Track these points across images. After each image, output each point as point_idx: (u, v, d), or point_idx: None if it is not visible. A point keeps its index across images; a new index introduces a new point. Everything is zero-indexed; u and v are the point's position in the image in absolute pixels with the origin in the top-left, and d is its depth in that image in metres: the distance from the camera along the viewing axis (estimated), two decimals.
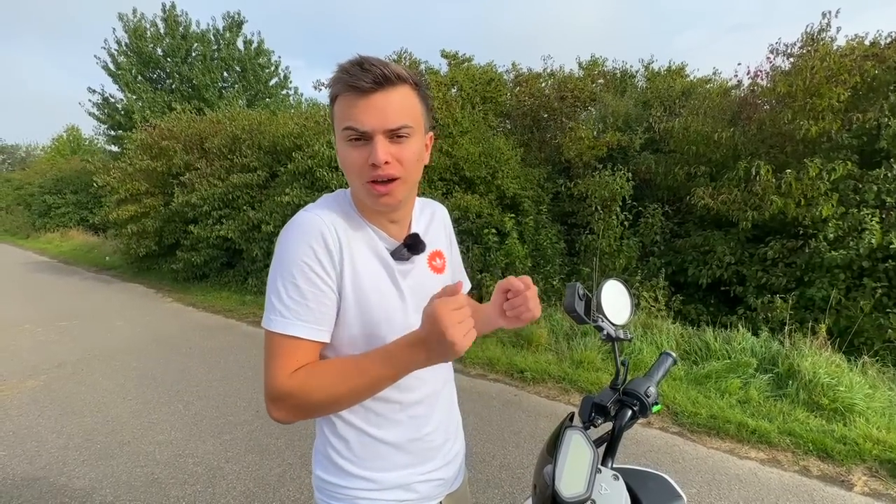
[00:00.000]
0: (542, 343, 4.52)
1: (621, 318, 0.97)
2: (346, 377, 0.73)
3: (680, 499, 0.86)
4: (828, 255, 4.19)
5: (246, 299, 7.00)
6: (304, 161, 6.68)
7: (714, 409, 3.17)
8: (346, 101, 0.74)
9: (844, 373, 3.40)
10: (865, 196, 4.31)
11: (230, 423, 3.18)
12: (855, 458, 2.61)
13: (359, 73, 0.72)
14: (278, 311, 0.75)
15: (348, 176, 0.79)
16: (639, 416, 0.91)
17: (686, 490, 2.39)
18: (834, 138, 4.64)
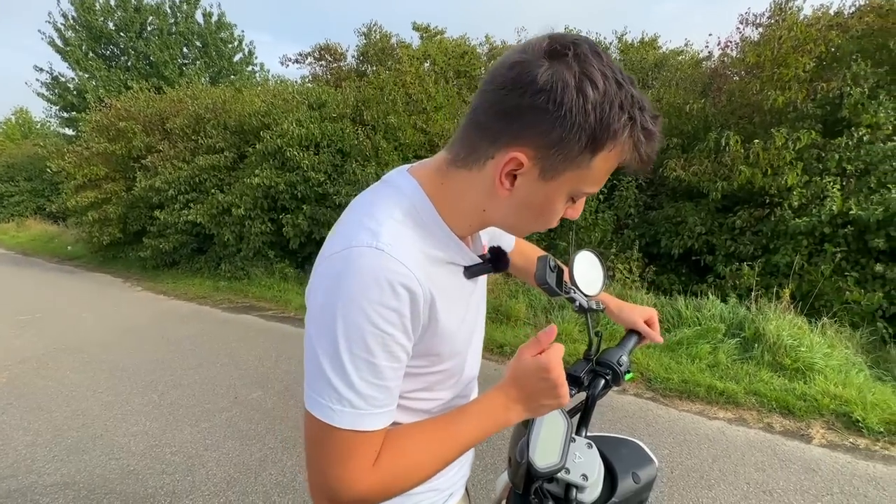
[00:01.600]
0: (521, 317, 4.58)
1: (594, 289, 0.96)
2: (437, 451, 0.62)
3: (652, 463, 0.88)
4: (792, 223, 4.34)
5: (220, 285, 6.82)
6: (273, 140, 6.45)
7: (685, 373, 3.30)
8: (618, 161, 0.57)
9: (806, 334, 3.58)
10: (828, 164, 4.45)
11: (208, 411, 3.13)
12: (814, 413, 2.77)
13: (652, 151, 0.57)
14: (347, 399, 0.55)
15: (526, 220, 0.63)
16: (612, 384, 0.92)
17: (659, 451, 2.50)
18: (799, 108, 4.74)
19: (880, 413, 2.66)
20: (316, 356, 0.57)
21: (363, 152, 6.30)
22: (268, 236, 6.85)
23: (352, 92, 7.13)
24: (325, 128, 6.52)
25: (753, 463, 2.37)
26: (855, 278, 4.07)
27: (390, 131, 6.49)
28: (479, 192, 0.60)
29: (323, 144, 6.52)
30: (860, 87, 4.41)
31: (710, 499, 2.13)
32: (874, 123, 4.34)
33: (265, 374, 3.73)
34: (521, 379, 0.64)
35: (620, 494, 0.83)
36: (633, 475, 0.85)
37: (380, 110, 6.60)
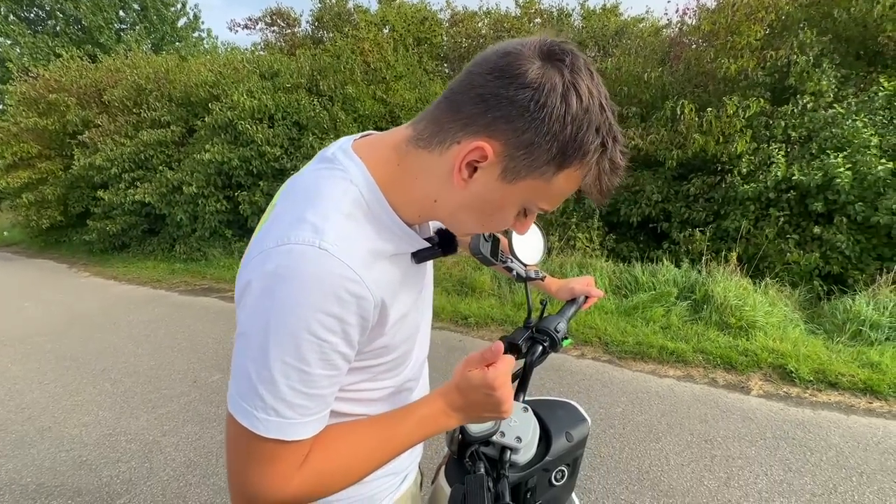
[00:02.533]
0: (486, 289, 4.64)
1: (533, 258, 0.96)
2: (371, 455, 0.60)
3: (585, 422, 0.91)
4: (741, 189, 4.53)
5: (175, 267, 6.53)
6: (224, 113, 6.10)
7: (640, 336, 3.45)
8: (576, 184, 0.55)
9: (750, 294, 3.80)
10: (774, 132, 4.63)
11: (165, 397, 3.04)
12: (753, 367, 2.98)
13: (613, 185, 0.56)
14: (273, 409, 0.51)
15: (477, 220, 0.59)
16: (549, 351, 0.93)
17: (612, 410, 2.63)
18: (750, 76, 4.87)
19: (811, 364, 2.88)
20: (244, 358, 0.52)
21: (321, 125, 6.06)
22: (224, 215, 6.57)
23: (307, 60, 6.78)
24: (278, 99, 6.20)
25: (698, 415, 2.53)
26: (795, 240, 4.32)
27: (348, 102, 6.25)
28: (435, 179, 0.56)
29: (277, 117, 6.22)
30: (806, 56, 4.56)
31: (657, 450, 2.26)
32: (817, 91, 4.53)
33: (226, 356, 3.64)
34: (465, 390, 0.62)
35: (554, 453, 0.86)
36: (566, 434, 0.87)
37: (337, 80, 6.32)
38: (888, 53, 4.74)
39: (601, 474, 2.12)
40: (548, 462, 0.85)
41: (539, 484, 0.87)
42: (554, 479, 0.89)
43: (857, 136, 4.15)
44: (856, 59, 4.95)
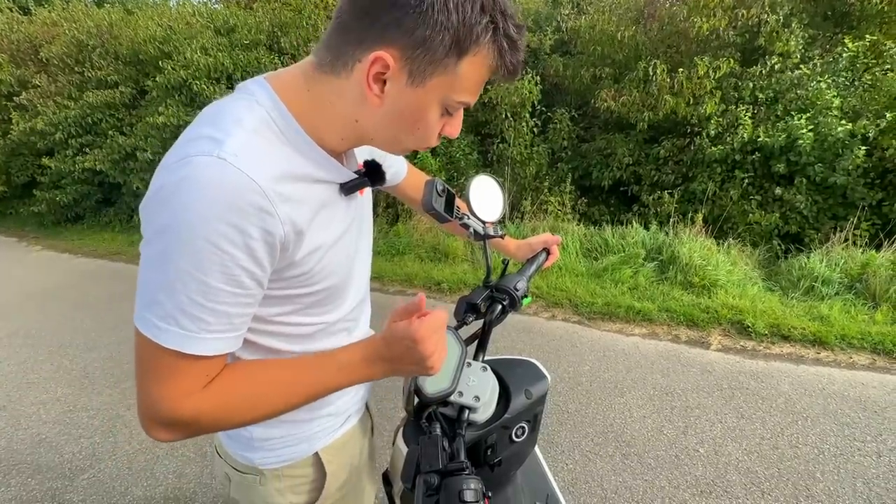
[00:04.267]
0: (459, 255, 4.63)
1: (492, 214, 0.93)
2: (277, 393, 0.58)
3: (544, 379, 0.90)
4: (709, 151, 4.59)
5: (135, 239, 6.23)
6: (177, 72, 5.67)
7: (608, 297, 3.53)
8: (487, 70, 0.55)
9: (713, 254, 3.92)
10: (742, 93, 4.67)
11: (128, 372, 2.94)
12: (713, 324, 3.10)
13: (517, 54, 0.56)
14: (172, 318, 0.50)
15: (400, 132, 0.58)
16: (508, 310, 0.91)
17: (581, 368, 2.70)
18: (722, 36, 4.83)
19: (767, 318, 3.03)
20: (147, 270, 0.51)
21: None
22: None
23: (266, 15, 6.32)
24: (236, 57, 5.80)
25: (660, 370, 2.64)
26: (758, 201, 4.45)
27: None
28: (350, 101, 0.56)
29: (236, 76, 5.83)
30: (776, 15, 4.54)
31: (622, 404, 2.36)
32: (785, 52, 4.54)
33: None
34: (389, 341, 0.60)
35: (513, 410, 0.85)
36: (525, 392, 0.87)
37: (299, 36, 5.94)
38: (854, 14, 4.78)
39: (568, 429, 2.19)
40: (507, 419, 0.85)
41: (499, 441, 0.87)
42: (514, 435, 0.89)
43: (820, 98, 4.22)
44: (823, 19, 4.97)
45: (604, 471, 1.94)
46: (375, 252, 5.06)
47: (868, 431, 2.08)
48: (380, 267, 4.57)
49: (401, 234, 5.17)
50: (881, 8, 4.56)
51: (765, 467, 1.91)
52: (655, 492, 1.82)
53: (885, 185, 4.12)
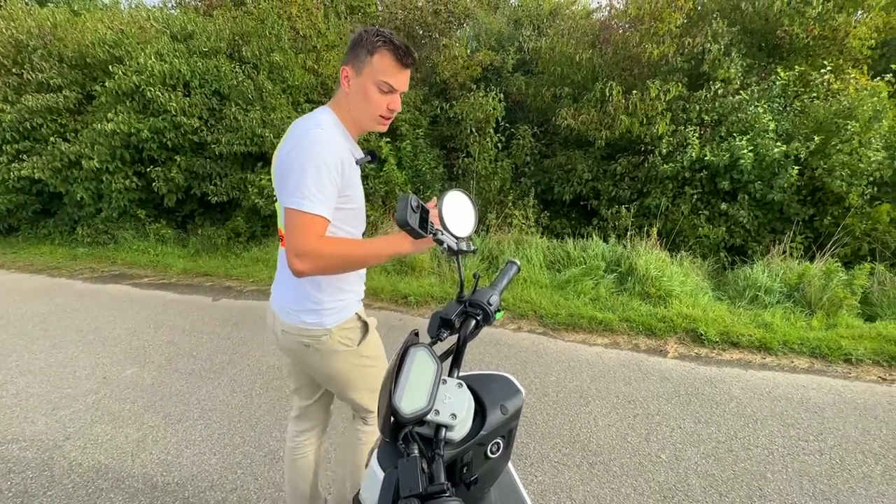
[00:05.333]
0: (426, 268, 4.62)
1: (464, 230, 0.94)
2: (357, 247, 1.10)
3: (519, 393, 0.91)
4: (661, 168, 4.86)
5: (77, 252, 5.82)
6: (129, 78, 5.40)
7: (572, 308, 3.63)
8: (387, 64, 1.11)
9: (667, 266, 4.13)
10: (690, 115, 4.99)
11: (68, 397, 2.71)
12: (670, 332, 3.25)
13: (405, 53, 1.12)
14: (310, 195, 1.03)
15: (365, 108, 1.15)
16: (482, 324, 0.92)
17: (547, 378, 2.74)
18: (671, 61, 5.17)
19: (717, 326, 3.21)
20: (293, 177, 1.05)
21: (245, 94, 5.58)
22: (135, 193, 5.91)
23: (226, 23, 6.16)
24: (195, 64, 5.60)
25: (622, 379, 2.73)
26: (706, 216, 4.75)
27: (276, 71, 5.80)
28: (343, 99, 1.18)
29: (194, 84, 5.63)
30: (718, 44, 4.91)
31: (588, 413, 2.41)
32: (727, 78, 4.91)
33: (141, 347, 3.32)
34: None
35: (489, 427, 0.85)
36: (501, 407, 0.87)
37: (262, 46, 5.82)
38: (784, 46, 5.25)
39: (536, 440, 2.22)
40: (483, 436, 0.84)
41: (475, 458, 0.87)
42: (490, 451, 0.89)
43: (758, 121, 4.58)
44: (759, 49, 5.42)
45: (572, 481, 1.96)
46: None
47: (810, 431, 2.23)
48: None
49: None
50: (807, 42, 5.04)
51: (721, 470, 2.00)
52: (621, 499, 1.86)
53: (816, 202, 4.51)
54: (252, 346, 3.29)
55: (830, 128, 4.43)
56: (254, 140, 5.46)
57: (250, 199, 5.53)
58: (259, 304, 4.13)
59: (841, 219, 4.27)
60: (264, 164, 5.81)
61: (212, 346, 3.32)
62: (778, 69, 4.95)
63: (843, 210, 4.28)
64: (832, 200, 4.37)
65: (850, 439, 2.17)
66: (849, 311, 3.46)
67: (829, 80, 4.81)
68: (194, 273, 5.06)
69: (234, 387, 2.78)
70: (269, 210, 5.60)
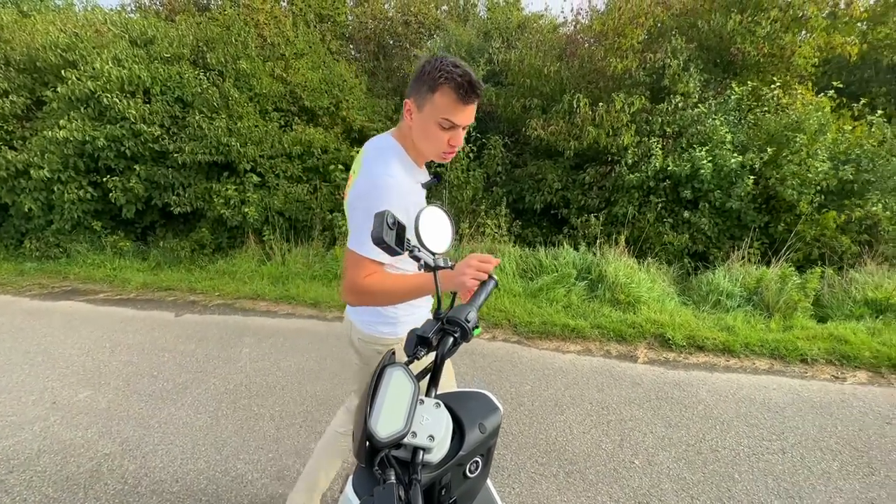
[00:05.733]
0: None
1: (441, 245, 0.93)
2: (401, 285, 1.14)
3: (497, 411, 0.90)
4: (627, 178, 5.02)
5: (25, 267, 5.45)
6: (83, 83, 5.15)
7: (545, 316, 3.67)
8: (449, 100, 1.07)
9: (636, 272, 4.24)
10: (653, 127, 5.19)
11: (11, 425, 2.51)
12: (640, 338, 3.33)
13: (468, 90, 1.07)
14: (362, 240, 1.09)
15: (426, 144, 1.15)
16: (460, 341, 0.90)
17: (522, 387, 2.75)
18: (634, 75, 5.37)
19: (684, 331, 3.31)
20: (357, 219, 1.13)
21: (210, 102, 5.41)
22: (90, 204, 5.60)
23: (189, 29, 5.98)
24: (156, 70, 5.40)
25: (595, 385, 2.77)
26: (670, 223, 4.93)
27: (242, 78, 5.67)
28: (409, 131, 1.19)
29: (155, 91, 5.42)
30: (677, 60, 5.15)
31: (563, 421, 2.43)
32: (686, 92, 5.15)
33: (95, 369, 3.12)
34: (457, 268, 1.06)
35: (468, 447, 0.83)
36: (479, 426, 0.86)
37: (227, 53, 5.68)
38: (738, 63, 5.56)
39: (512, 451, 2.21)
40: (462, 456, 0.83)
41: (453, 478, 0.85)
42: (468, 471, 0.87)
43: (715, 133, 4.81)
44: (714, 65, 5.71)
45: (549, 491, 1.96)
46: (311, 277, 4.86)
47: (773, 431, 2.32)
48: (317, 292, 4.39)
49: (339, 258, 5.01)
50: (757, 59, 5.36)
51: (692, 473, 2.05)
52: None
53: (770, 210, 4.76)
54: (218, 364, 3.15)
55: (781, 140, 4.70)
56: (219, 149, 5.29)
57: (216, 209, 5.35)
58: (225, 319, 3.97)
59: (793, 225, 4.52)
60: (231, 173, 5.64)
61: (174, 364, 3.16)
62: (732, 84, 5.23)
63: (794, 217, 4.53)
64: (785, 208, 4.62)
65: (809, 437, 2.27)
66: (803, 313, 3.65)
67: (779, 95, 5.12)
68: (155, 287, 4.82)
69: (198, 408, 2.65)
70: (235, 221, 5.43)
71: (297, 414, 2.56)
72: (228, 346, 3.43)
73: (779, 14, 5.16)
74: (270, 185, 5.61)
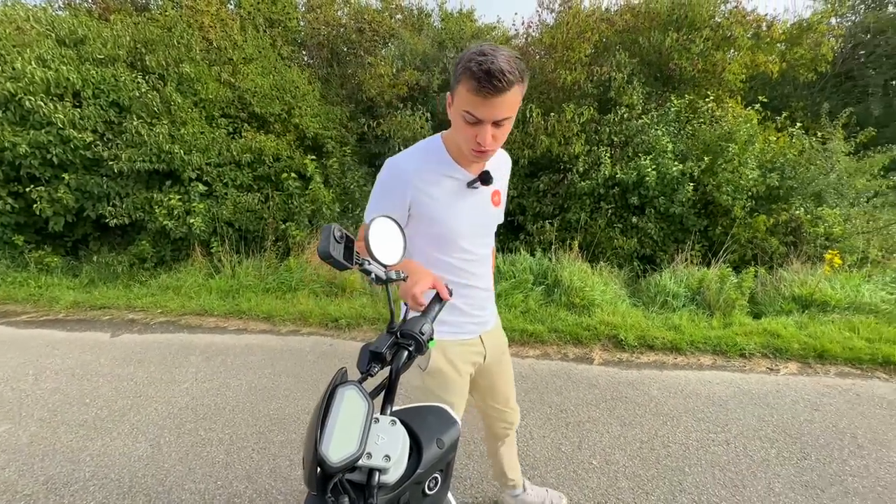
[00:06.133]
0: (357, 288, 4.48)
1: (393, 257, 0.90)
2: None
3: (455, 424, 0.88)
4: (579, 185, 5.21)
5: None
6: (2, 85, 4.70)
7: (504, 321, 3.69)
8: (468, 92, 0.97)
9: (589, 276, 4.39)
10: (602, 136, 5.43)
11: None
12: (594, 340, 3.44)
13: (486, 82, 0.94)
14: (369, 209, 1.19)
15: (459, 137, 1.08)
16: (415, 355, 0.88)
17: None
18: (582, 87, 5.61)
19: (635, 331, 3.46)
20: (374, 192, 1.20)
21: (149, 107, 5.10)
22: (10, 216, 5.10)
23: (126, 29, 5.63)
24: (87, 72, 5.03)
25: (554, 389, 2.82)
26: (620, 228, 5.15)
27: (186, 83, 5.39)
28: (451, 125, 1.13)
29: (87, 94, 5.04)
30: (622, 74, 5.43)
31: (524, 426, 2.45)
32: (630, 104, 5.43)
33: (16, 399, 2.81)
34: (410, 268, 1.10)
35: (426, 464, 0.81)
36: (437, 441, 0.84)
37: (169, 56, 5.39)
38: (676, 77, 5.94)
39: (475, 460, 2.20)
40: (420, 474, 0.80)
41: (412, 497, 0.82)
42: (427, 488, 0.85)
43: (658, 143, 5.10)
44: (655, 79, 6.08)
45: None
46: (264, 290, 4.66)
47: (717, 423, 2.46)
48: (270, 306, 4.21)
49: (292, 269, 4.84)
50: (693, 74, 5.75)
51: (646, 469, 2.13)
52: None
53: (708, 214, 5.09)
54: (160, 387, 2.93)
55: (716, 149, 5.06)
56: (161, 156, 4.99)
57: (158, 220, 5.02)
58: (169, 338, 3.72)
59: (729, 228, 4.86)
60: (174, 182, 5.32)
61: (110, 390, 2.91)
62: (672, 97, 5.58)
63: (730, 221, 4.87)
64: (721, 213, 4.96)
65: (750, 427, 2.42)
66: (740, 311, 3.91)
67: (713, 108, 5.51)
68: (87, 306, 4.44)
69: (136, 436, 2.44)
70: (180, 232, 5.12)
71: (249, 436, 2.42)
72: (172, 366, 3.20)
73: (710, 33, 5.58)
74: (218, 194, 5.35)
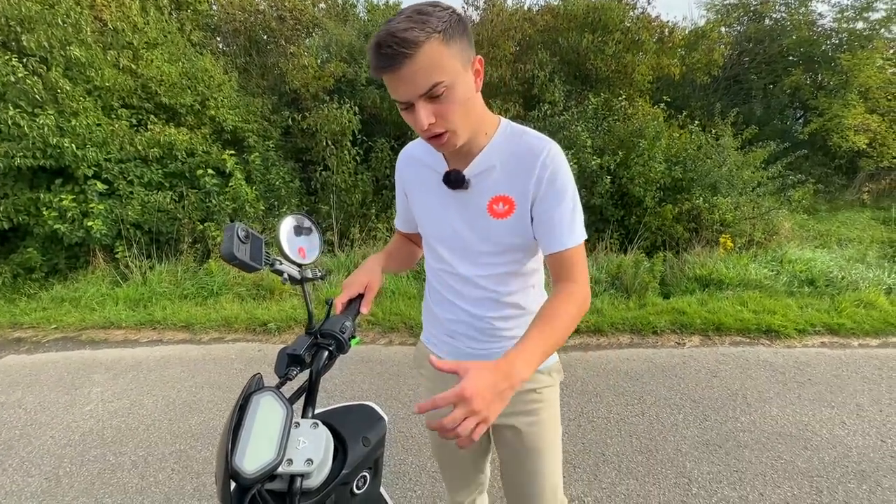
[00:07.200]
0: (286, 289, 4.29)
1: (308, 256, 0.87)
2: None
3: (381, 421, 0.88)
4: None
5: None
6: None
7: None
8: (375, 72, 0.78)
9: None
10: None
11: None
12: None
13: (376, 58, 0.75)
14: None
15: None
16: (336, 354, 0.86)
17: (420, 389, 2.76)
18: (508, 84, 5.80)
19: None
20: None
21: (30, 95, 4.45)
22: None
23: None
24: None
25: None
26: None
27: (76, 68, 4.78)
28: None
29: None
30: (544, 72, 5.69)
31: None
32: (553, 101, 5.71)
33: None
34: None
35: (351, 463, 0.80)
36: (363, 439, 0.83)
37: (53, 36, 4.74)
38: (592, 77, 6.34)
39: (413, 454, 2.21)
40: (346, 474, 0.79)
41: (340, 499, 0.81)
42: (356, 487, 0.84)
43: (579, 138, 5.41)
44: (575, 78, 6.44)
45: None
46: (181, 296, 4.29)
47: (634, 396, 2.68)
48: (189, 313, 3.89)
49: (213, 273, 4.51)
50: (607, 75, 6.17)
51: (573, 445, 2.27)
52: (494, 493, 1.96)
53: (624, 205, 5.51)
54: (57, 412, 2.60)
55: (629, 144, 5.48)
56: (47, 152, 4.39)
57: (47, 224, 4.42)
58: (67, 356, 3.31)
59: (642, 218, 5.30)
60: (66, 180, 4.71)
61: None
62: (590, 95, 5.95)
63: (642, 210, 5.32)
64: (635, 203, 5.40)
65: (661, 397, 2.67)
66: (653, 292, 4.29)
67: (625, 106, 5.96)
68: None
69: (29, 469, 2.15)
70: (76, 237, 4.55)
71: (167, 456, 2.23)
72: (72, 388, 2.86)
73: (621, 36, 6.01)
74: (122, 193, 4.82)
